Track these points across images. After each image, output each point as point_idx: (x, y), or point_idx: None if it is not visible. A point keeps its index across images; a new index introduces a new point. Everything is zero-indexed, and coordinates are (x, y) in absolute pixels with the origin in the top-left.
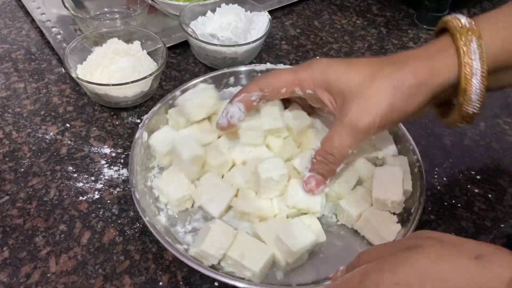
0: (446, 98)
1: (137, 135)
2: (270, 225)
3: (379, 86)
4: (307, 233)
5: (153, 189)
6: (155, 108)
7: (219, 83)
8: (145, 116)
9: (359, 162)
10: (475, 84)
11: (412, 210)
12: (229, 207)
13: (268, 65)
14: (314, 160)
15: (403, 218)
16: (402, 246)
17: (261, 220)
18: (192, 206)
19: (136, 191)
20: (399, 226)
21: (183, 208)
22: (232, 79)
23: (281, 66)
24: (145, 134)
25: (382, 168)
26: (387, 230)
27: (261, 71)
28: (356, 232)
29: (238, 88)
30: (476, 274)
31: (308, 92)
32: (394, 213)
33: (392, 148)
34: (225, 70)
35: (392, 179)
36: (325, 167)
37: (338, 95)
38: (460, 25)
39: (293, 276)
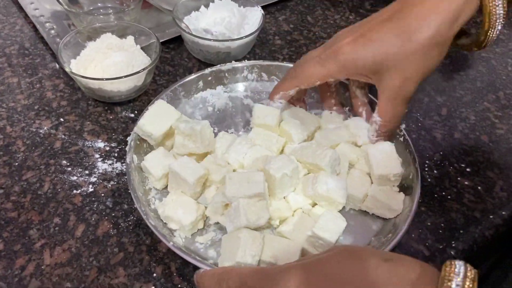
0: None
1: (128, 159)
2: (292, 223)
3: (413, 57)
4: (338, 221)
5: (159, 214)
6: (133, 136)
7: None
8: (129, 138)
9: (344, 147)
10: (499, 17)
11: (410, 177)
12: None
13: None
14: (379, 132)
15: (402, 186)
16: (318, 254)
17: (281, 221)
18: (204, 225)
19: (150, 219)
20: (402, 194)
21: (196, 230)
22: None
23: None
24: (135, 157)
25: (373, 147)
26: (395, 201)
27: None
28: (363, 211)
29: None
30: (384, 274)
31: (341, 78)
32: (393, 185)
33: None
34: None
35: (386, 154)
36: (390, 133)
37: (373, 73)
38: None
39: None
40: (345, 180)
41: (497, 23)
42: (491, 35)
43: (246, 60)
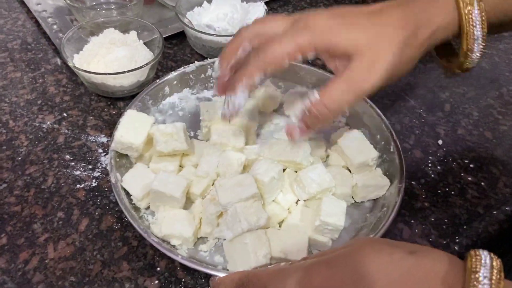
0: (444, 41)
1: (112, 179)
2: (292, 220)
3: (385, 47)
4: (339, 203)
5: (155, 233)
6: (111, 154)
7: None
8: (107, 157)
9: (306, 146)
10: (477, 34)
11: (390, 148)
12: None
13: None
14: (306, 112)
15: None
16: (341, 247)
17: (280, 223)
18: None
19: (152, 236)
20: (379, 169)
21: (197, 240)
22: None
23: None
24: (119, 176)
25: (343, 138)
26: (380, 178)
27: None
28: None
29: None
30: (410, 267)
31: (310, 55)
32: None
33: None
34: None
35: (358, 141)
36: (316, 121)
37: (342, 55)
38: None
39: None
40: (322, 165)
41: (475, 45)
42: (470, 58)
43: (208, 59)
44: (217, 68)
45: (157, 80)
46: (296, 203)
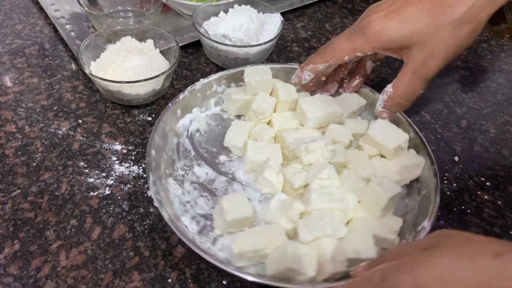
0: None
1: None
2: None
3: (441, 32)
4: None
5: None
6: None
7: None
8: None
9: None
10: None
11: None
12: None
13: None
14: (386, 103)
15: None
16: (422, 246)
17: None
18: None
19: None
20: (412, 151)
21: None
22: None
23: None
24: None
25: (371, 128)
26: (417, 159)
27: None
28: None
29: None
30: (495, 273)
31: (369, 54)
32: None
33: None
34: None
35: (386, 128)
36: (396, 108)
37: (400, 48)
38: None
39: None
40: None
41: None
42: None
43: (213, 74)
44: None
45: (170, 104)
46: None
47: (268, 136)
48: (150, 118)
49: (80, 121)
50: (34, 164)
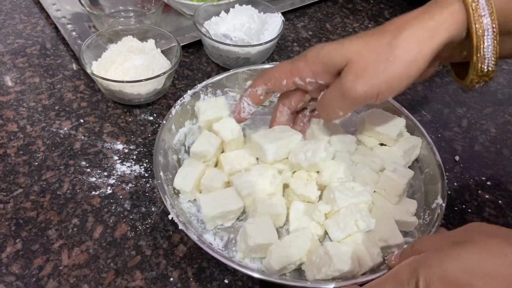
0: (458, 56)
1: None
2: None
3: (376, 55)
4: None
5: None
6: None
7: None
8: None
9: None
10: (487, 41)
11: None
12: None
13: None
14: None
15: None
16: (453, 239)
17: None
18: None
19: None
20: (406, 133)
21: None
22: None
23: None
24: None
25: (369, 118)
26: (414, 140)
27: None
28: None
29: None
30: None
31: (309, 81)
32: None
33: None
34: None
35: (383, 116)
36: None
37: (336, 70)
38: None
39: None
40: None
41: (486, 53)
42: (480, 69)
43: (198, 85)
44: None
45: (164, 121)
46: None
47: (220, 183)
48: (151, 118)
49: (81, 120)
50: (36, 163)
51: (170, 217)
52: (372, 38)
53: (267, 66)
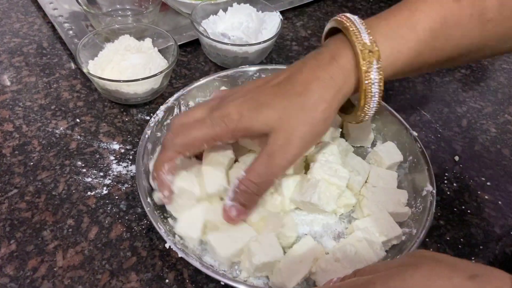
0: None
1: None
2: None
3: (296, 119)
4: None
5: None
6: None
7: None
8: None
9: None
10: (374, 96)
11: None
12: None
13: (278, 66)
14: (236, 190)
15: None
16: (397, 264)
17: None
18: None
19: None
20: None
21: None
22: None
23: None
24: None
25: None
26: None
27: (273, 70)
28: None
29: None
30: None
31: (230, 142)
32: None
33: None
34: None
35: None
36: (248, 197)
37: (259, 135)
38: (361, 42)
39: None
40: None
41: (372, 100)
42: (367, 111)
43: (175, 94)
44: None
45: (140, 142)
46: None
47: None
48: (148, 118)
49: (78, 120)
50: (31, 163)
51: (167, 245)
52: (287, 101)
53: (252, 68)
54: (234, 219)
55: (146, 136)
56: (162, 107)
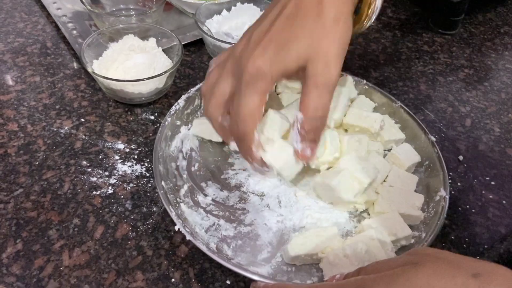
0: None
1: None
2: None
3: (326, 40)
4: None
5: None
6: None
7: None
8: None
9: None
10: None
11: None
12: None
13: None
14: (302, 131)
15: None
16: (401, 263)
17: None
18: None
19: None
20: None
21: None
22: None
23: None
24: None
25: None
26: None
27: None
28: None
29: None
30: None
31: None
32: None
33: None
34: None
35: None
36: (316, 133)
37: (296, 72)
38: None
39: None
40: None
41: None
42: (371, 15)
43: (192, 89)
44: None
45: (160, 128)
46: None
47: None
48: (152, 117)
49: (82, 120)
50: (37, 163)
51: (176, 228)
52: (309, 27)
53: None
54: (312, 158)
55: (166, 123)
56: (184, 96)
